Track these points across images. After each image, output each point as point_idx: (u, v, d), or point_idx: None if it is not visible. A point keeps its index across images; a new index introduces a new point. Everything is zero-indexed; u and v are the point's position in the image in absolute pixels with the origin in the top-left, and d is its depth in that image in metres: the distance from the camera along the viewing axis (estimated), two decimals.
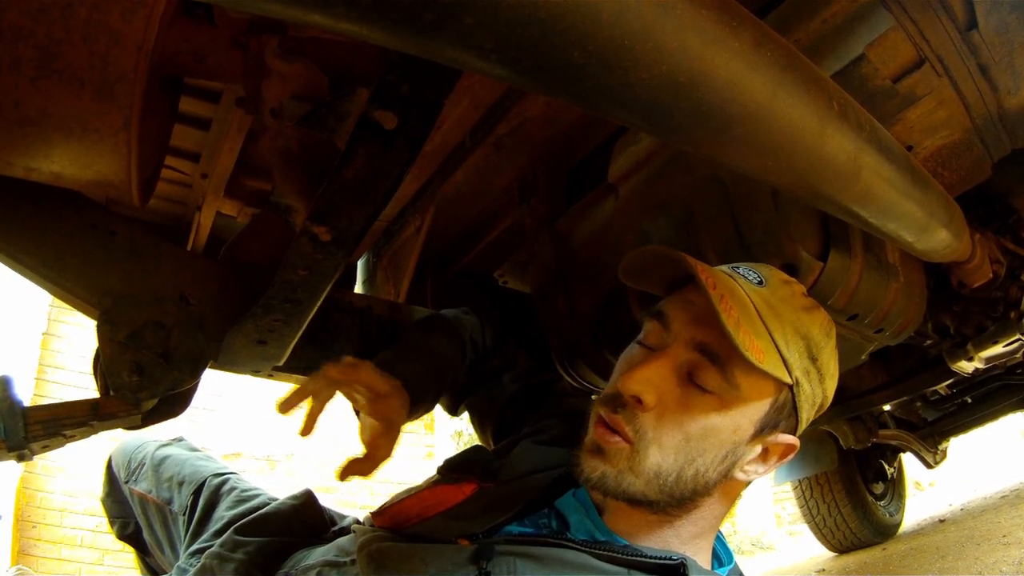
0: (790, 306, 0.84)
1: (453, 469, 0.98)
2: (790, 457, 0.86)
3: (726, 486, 0.85)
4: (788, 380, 0.80)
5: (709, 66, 0.50)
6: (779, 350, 0.79)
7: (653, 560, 0.78)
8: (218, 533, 1.22)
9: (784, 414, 0.83)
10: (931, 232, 1.02)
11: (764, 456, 0.85)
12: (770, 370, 0.77)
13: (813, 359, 0.83)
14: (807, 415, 0.86)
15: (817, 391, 0.85)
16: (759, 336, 0.77)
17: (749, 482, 0.87)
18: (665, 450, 0.79)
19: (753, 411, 0.81)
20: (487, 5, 0.35)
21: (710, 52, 0.49)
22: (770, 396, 0.81)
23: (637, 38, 0.42)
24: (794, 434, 0.86)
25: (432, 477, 0.99)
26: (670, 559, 0.78)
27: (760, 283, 0.85)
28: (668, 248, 0.84)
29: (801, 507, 3.40)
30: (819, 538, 3.44)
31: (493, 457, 1.02)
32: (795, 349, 0.81)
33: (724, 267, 0.89)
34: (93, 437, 1.14)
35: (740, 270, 0.88)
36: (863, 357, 1.40)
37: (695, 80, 0.49)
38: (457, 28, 0.36)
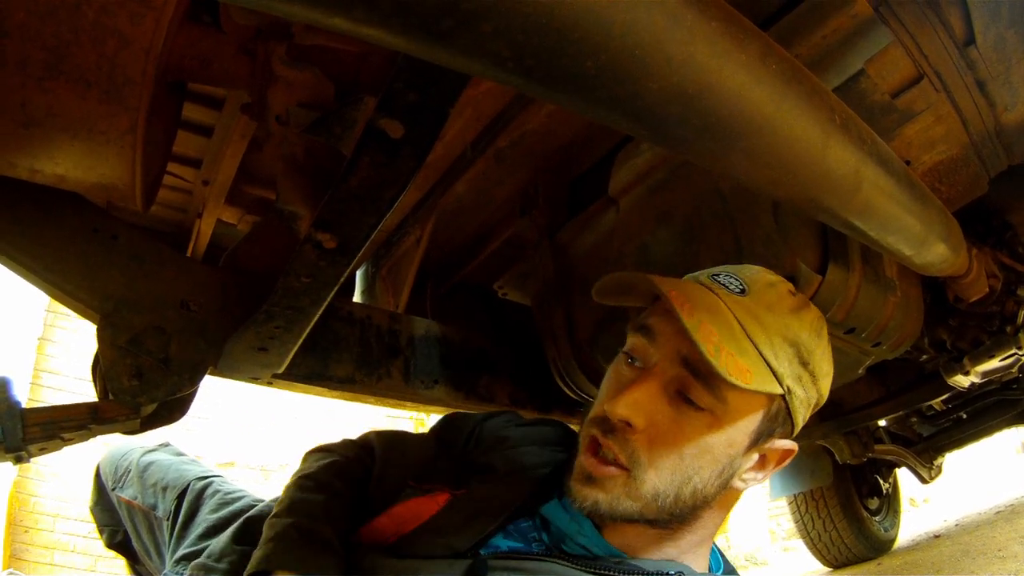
0: (776, 312, 0.82)
1: (421, 479, 0.95)
2: (788, 461, 0.85)
3: (725, 495, 0.84)
4: (779, 391, 0.79)
5: (717, 78, 0.50)
6: (767, 362, 0.78)
7: (649, 574, 0.78)
8: (202, 537, 1.20)
9: (779, 421, 0.82)
10: (929, 246, 1.03)
11: (762, 463, 0.84)
12: (758, 387, 0.76)
13: (804, 363, 0.82)
14: (802, 417, 0.85)
15: (811, 392, 0.84)
16: (743, 355, 0.76)
17: (747, 488, 0.87)
18: (661, 472, 0.78)
19: (746, 424, 0.80)
20: (505, 13, 0.35)
21: (718, 64, 0.50)
22: (762, 407, 0.80)
23: (648, 49, 0.43)
24: (791, 437, 0.85)
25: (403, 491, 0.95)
26: (668, 574, 0.78)
27: (742, 292, 0.83)
28: (639, 273, 0.83)
29: (796, 522, 3.39)
30: (814, 553, 3.43)
31: (458, 457, 1.00)
32: (784, 358, 0.79)
33: (704, 274, 0.87)
34: (89, 442, 1.14)
35: (721, 278, 0.85)
36: (860, 371, 1.40)
37: (703, 92, 0.50)
38: (475, 35, 0.36)
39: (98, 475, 1.50)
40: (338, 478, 0.98)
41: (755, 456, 0.83)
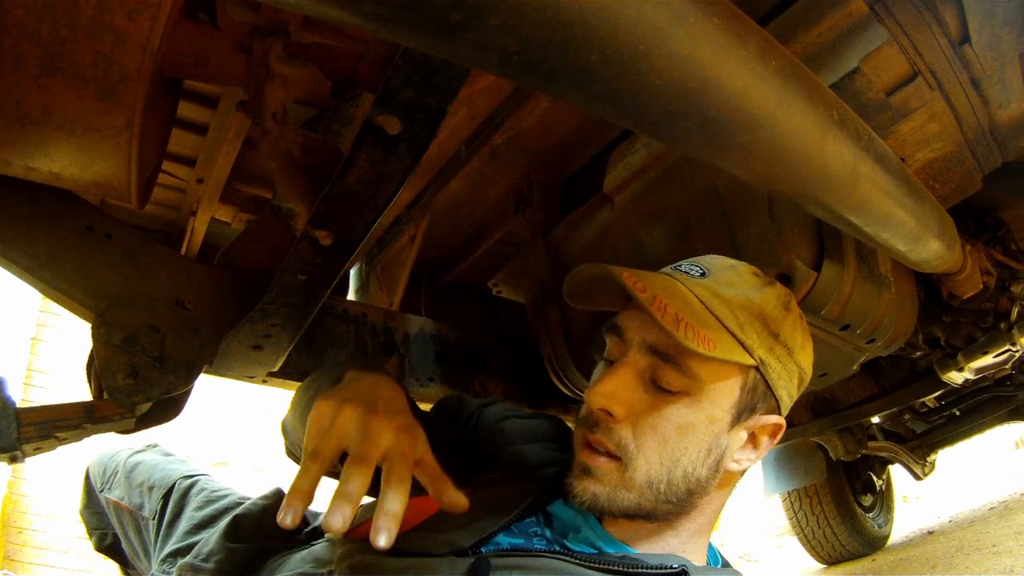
0: (737, 289, 0.84)
1: None
2: (779, 437, 0.86)
3: (721, 479, 0.85)
4: (749, 361, 0.80)
5: (718, 74, 0.51)
6: (734, 335, 0.79)
7: (652, 570, 0.77)
8: (187, 534, 1.20)
9: (759, 395, 0.83)
10: (924, 242, 1.04)
11: (752, 441, 0.85)
12: (723, 356, 0.77)
13: (774, 335, 0.83)
14: (786, 392, 0.86)
15: (789, 366, 0.85)
16: (706, 326, 0.77)
17: (744, 471, 0.87)
18: (650, 457, 0.79)
19: (723, 399, 0.81)
20: (513, 6, 0.35)
21: (719, 60, 0.50)
22: (737, 381, 0.81)
23: (652, 44, 0.43)
24: (777, 413, 0.86)
25: None
26: (671, 568, 0.78)
27: (703, 275, 0.86)
28: (596, 264, 0.85)
29: (790, 519, 3.41)
30: (808, 549, 3.44)
31: (454, 439, 1.00)
32: (752, 330, 0.81)
33: (666, 268, 0.90)
34: (83, 442, 1.13)
35: (682, 267, 0.88)
36: (855, 368, 1.41)
37: (705, 87, 0.50)
38: (482, 29, 0.36)
39: (87, 478, 1.49)
40: None
41: (743, 434, 0.84)
